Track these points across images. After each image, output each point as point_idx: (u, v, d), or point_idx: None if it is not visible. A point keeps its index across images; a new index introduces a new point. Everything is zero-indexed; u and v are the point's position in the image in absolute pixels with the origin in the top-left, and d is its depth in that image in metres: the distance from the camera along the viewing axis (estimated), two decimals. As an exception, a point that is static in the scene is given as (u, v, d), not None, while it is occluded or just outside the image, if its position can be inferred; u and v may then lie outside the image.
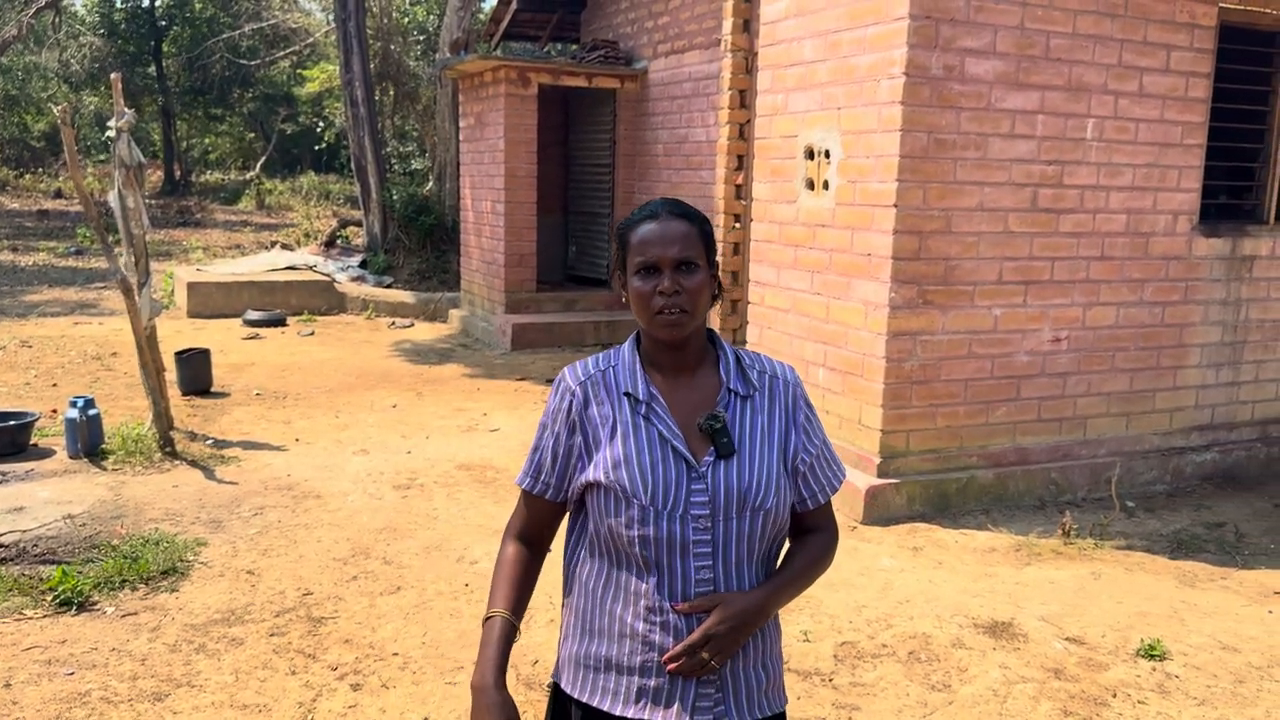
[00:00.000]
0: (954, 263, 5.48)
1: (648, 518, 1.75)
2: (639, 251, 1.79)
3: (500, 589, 1.88)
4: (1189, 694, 3.72)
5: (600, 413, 1.81)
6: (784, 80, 6.20)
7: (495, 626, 1.83)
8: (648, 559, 1.76)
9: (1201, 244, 6.12)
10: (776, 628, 1.90)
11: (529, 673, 3.77)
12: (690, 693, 1.77)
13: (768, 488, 1.79)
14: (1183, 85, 5.86)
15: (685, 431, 1.79)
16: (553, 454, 1.85)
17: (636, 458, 1.77)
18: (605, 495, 1.78)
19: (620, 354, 1.87)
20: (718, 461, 1.77)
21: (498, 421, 7.53)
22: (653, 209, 1.82)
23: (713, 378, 1.85)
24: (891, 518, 5.49)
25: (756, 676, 1.83)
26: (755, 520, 1.77)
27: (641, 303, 1.78)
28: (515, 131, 10.52)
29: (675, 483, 1.75)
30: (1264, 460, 6.54)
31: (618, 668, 1.80)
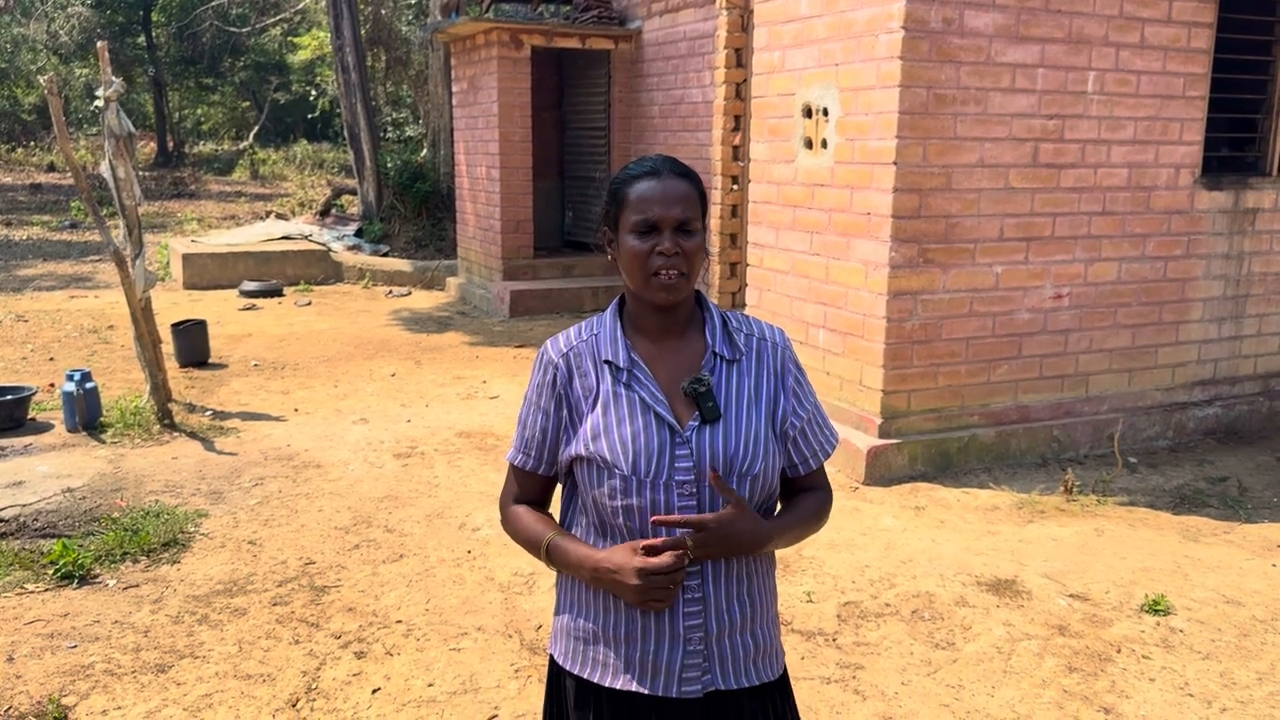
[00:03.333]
0: (954, 220, 5.42)
1: (630, 487, 1.71)
2: (638, 209, 1.72)
3: (534, 526, 1.85)
4: (1193, 648, 3.72)
5: (584, 384, 1.78)
6: (780, 37, 6.11)
7: (556, 542, 1.80)
8: (632, 528, 1.73)
9: (1204, 197, 6.06)
10: (769, 595, 1.87)
11: (533, 637, 3.77)
12: (677, 663, 1.75)
13: (754, 452, 1.74)
14: (1185, 36, 5.77)
15: (670, 397, 1.75)
16: (540, 429, 1.83)
17: (616, 427, 1.73)
18: (588, 467, 1.76)
19: (602, 321, 1.82)
20: (703, 426, 1.73)
21: (497, 389, 7.50)
22: (653, 165, 1.76)
23: (699, 341, 1.81)
24: (893, 478, 5.48)
25: (744, 644, 1.80)
26: (742, 486, 1.74)
27: (637, 263, 1.72)
28: (509, 95, 10.40)
29: (659, 450, 1.71)
30: (1266, 414, 6.52)
31: (605, 640, 1.79)
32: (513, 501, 1.92)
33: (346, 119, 14.83)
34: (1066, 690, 3.42)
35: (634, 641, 1.76)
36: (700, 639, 1.76)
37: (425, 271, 12.70)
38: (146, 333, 6.44)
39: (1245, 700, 3.39)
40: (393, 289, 12.27)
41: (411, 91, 19.93)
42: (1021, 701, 3.35)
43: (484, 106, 10.81)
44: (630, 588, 1.67)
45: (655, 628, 1.75)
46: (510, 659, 3.63)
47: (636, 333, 1.80)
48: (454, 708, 3.33)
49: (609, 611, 1.78)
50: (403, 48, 19.20)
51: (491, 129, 10.62)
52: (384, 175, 14.21)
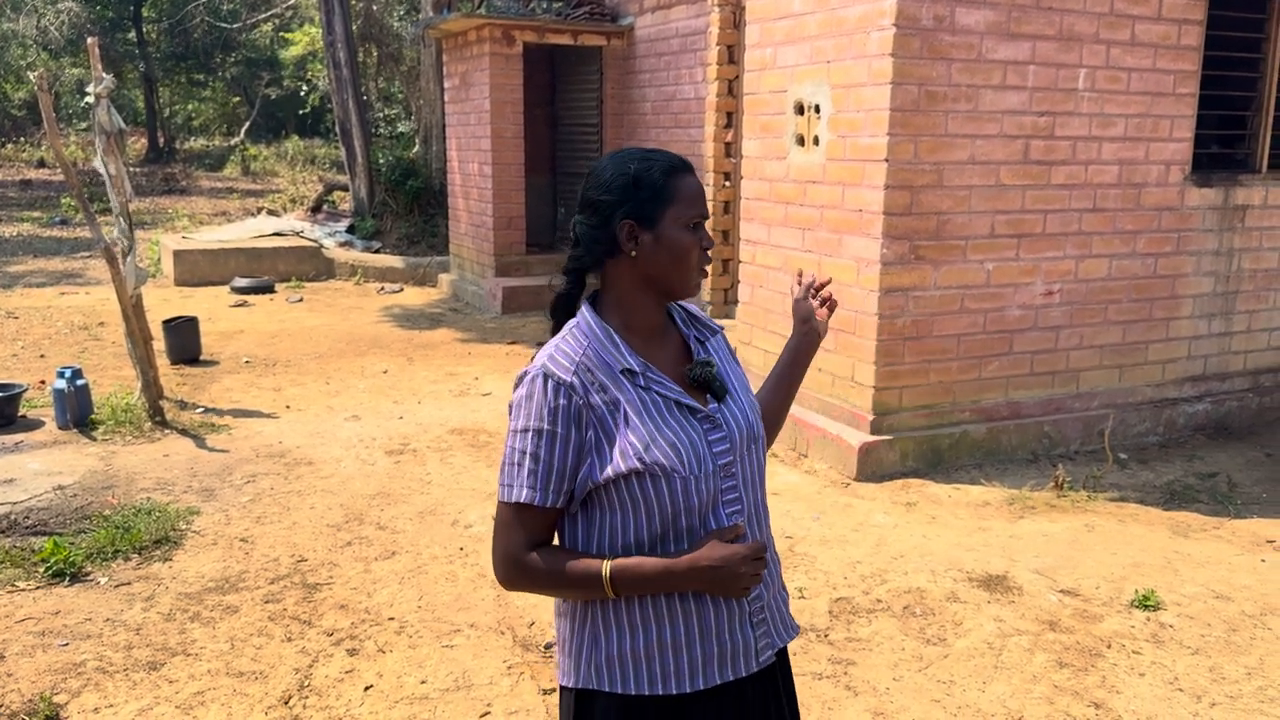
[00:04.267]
0: (945, 217, 5.43)
1: (690, 486, 1.69)
2: (692, 204, 1.75)
3: (578, 563, 1.71)
4: (1183, 643, 3.74)
5: (604, 398, 1.68)
6: (772, 34, 6.11)
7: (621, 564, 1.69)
8: (692, 527, 1.71)
9: (1194, 194, 6.08)
10: (778, 564, 1.95)
11: (525, 634, 3.77)
12: (751, 638, 1.78)
13: (756, 413, 1.85)
14: (1175, 33, 5.79)
15: (683, 386, 1.77)
16: (560, 457, 1.68)
17: (660, 432, 1.69)
18: (639, 481, 1.68)
19: (588, 332, 1.74)
20: (720, 405, 1.79)
21: (490, 385, 7.50)
22: (680, 161, 1.77)
23: (674, 331, 1.86)
24: (885, 474, 5.49)
25: (782, 596, 1.90)
26: (761, 449, 1.84)
27: (687, 257, 1.75)
28: (501, 91, 10.38)
29: (700, 440, 1.72)
30: (1256, 410, 6.55)
31: (675, 646, 1.73)
32: (527, 549, 1.71)
33: (338, 115, 14.79)
34: (1057, 685, 3.44)
35: (709, 635, 1.74)
36: (761, 608, 1.80)
37: (417, 268, 12.68)
38: (138, 329, 6.42)
39: (1234, 695, 3.41)
40: (385, 285, 12.25)
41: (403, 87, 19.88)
42: (1013, 697, 3.37)
43: (476, 103, 10.79)
44: (742, 574, 1.69)
45: (727, 616, 1.74)
46: (503, 656, 3.63)
47: (630, 332, 1.78)
48: (447, 705, 3.33)
49: (680, 616, 1.73)
50: (394, 44, 19.14)
51: (484, 125, 10.60)
52: (376, 171, 14.18)
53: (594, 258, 1.77)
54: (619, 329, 1.76)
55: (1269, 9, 6.16)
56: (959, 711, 3.29)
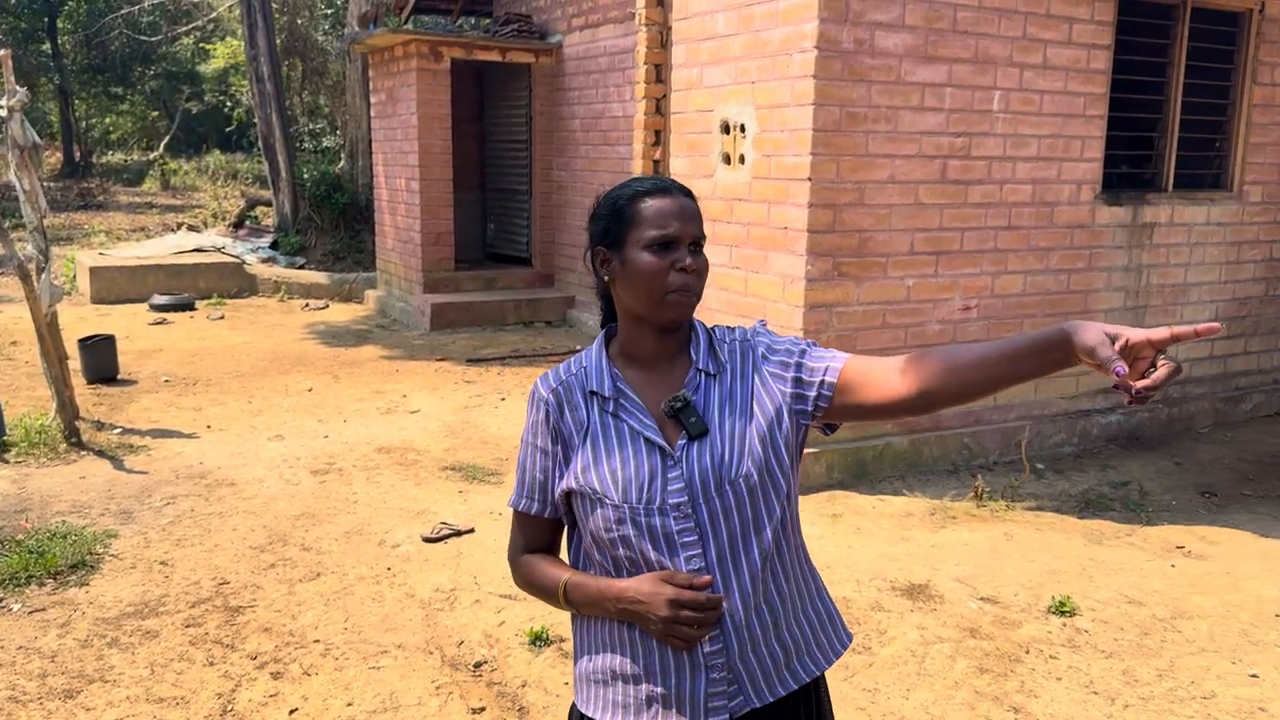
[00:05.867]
0: (867, 234, 5.56)
1: (624, 516, 1.67)
2: (656, 224, 1.68)
3: (548, 571, 1.79)
4: (1098, 647, 3.86)
5: (575, 418, 1.74)
6: (698, 54, 6.20)
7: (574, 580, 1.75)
8: (633, 559, 1.69)
9: (1104, 212, 6.31)
10: (800, 584, 1.78)
11: (454, 654, 3.75)
12: (701, 693, 1.69)
13: (740, 454, 1.68)
14: (1084, 57, 6.02)
15: (660, 421, 1.71)
16: (542, 469, 1.78)
17: (606, 458, 1.70)
18: (581, 500, 1.72)
19: (589, 355, 1.79)
20: (691, 444, 1.69)
21: (418, 403, 7.43)
22: (661, 183, 1.73)
23: (687, 361, 1.77)
24: (812, 486, 5.58)
25: (772, 653, 1.72)
26: (738, 492, 1.67)
27: (655, 279, 1.67)
28: (428, 107, 10.34)
29: (650, 475, 1.67)
30: (1165, 420, 6.80)
31: (625, 677, 1.74)
32: (520, 552, 1.85)
33: (261, 129, 14.57)
34: (978, 691, 3.53)
35: (654, 675, 1.70)
36: (722, 664, 1.69)
37: (343, 284, 12.53)
38: (52, 349, 6.24)
39: (1146, 697, 3.54)
40: (309, 302, 12.07)
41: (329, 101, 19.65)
42: (935, 703, 3.45)
43: (403, 118, 10.72)
44: (659, 619, 1.63)
45: (675, 660, 1.69)
46: (431, 676, 3.60)
47: (628, 361, 1.77)
48: (374, 726, 3.29)
49: (629, 646, 1.72)
50: (319, 58, 18.93)
51: (411, 141, 10.54)
52: (300, 186, 13.98)
53: (599, 285, 1.80)
54: (619, 354, 1.78)
55: (1172, 35, 6.43)
56: (883, 719, 3.35)
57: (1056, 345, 1.50)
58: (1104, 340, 1.42)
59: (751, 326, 1.84)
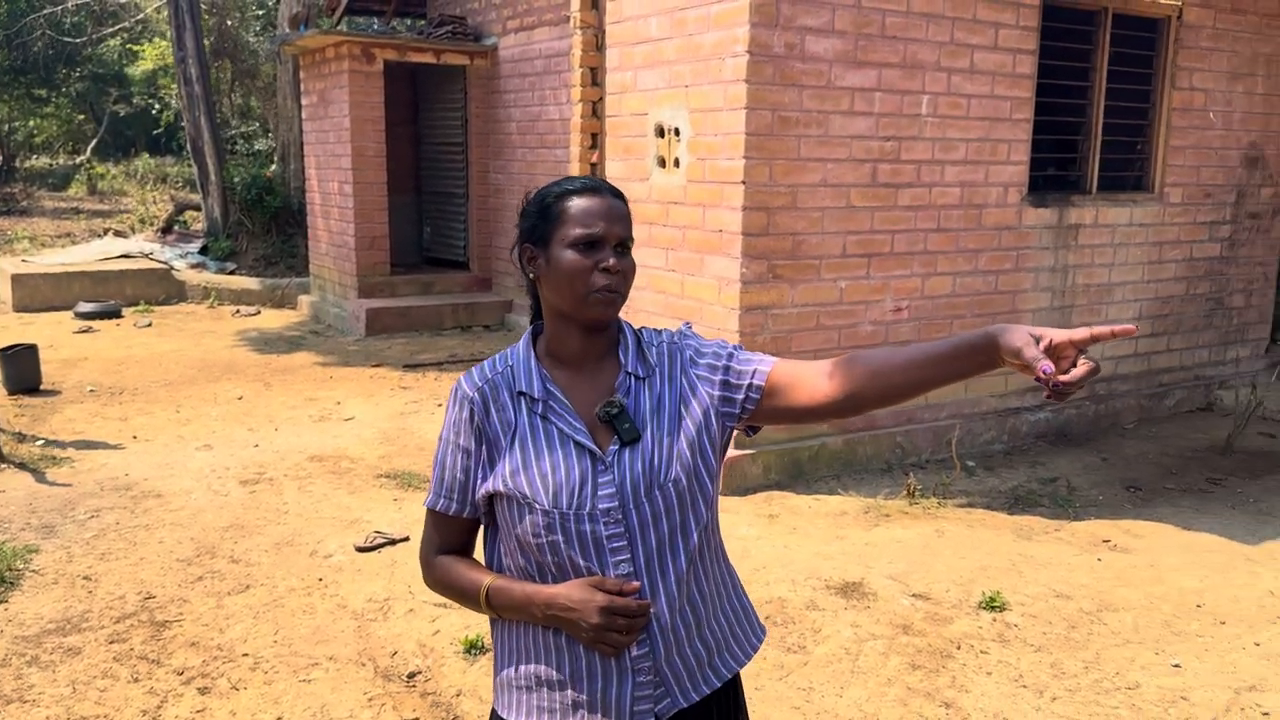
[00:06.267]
0: (801, 237, 5.61)
1: (554, 522, 1.66)
2: (581, 223, 1.67)
3: (467, 574, 1.77)
4: (1027, 642, 3.93)
5: (502, 418, 1.72)
6: (632, 58, 6.20)
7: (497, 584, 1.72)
8: (560, 565, 1.68)
9: (1030, 214, 6.44)
10: (719, 582, 1.81)
11: (387, 664, 3.70)
12: (627, 697, 1.69)
13: (669, 459, 1.69)
14: (1010, 62, 6.14)
15: (591, 424, 1.71)
16: (463, 469, 1.74)
17: (535, 461, 1.68)
18: (508, 504, 1.70)
19: (516, 353, 1.77)
20: (623, 449, 1.69)
21: (352, 410, 7.33)
22: (589, 183, 1.72)
23: (616, 364, 1.76)
24: (749, 487, 5.61)
25: (696, 652, 1.74)
26: (667, 496, 1.68)
27: (577, 278, 1.66)
28: (361, 109, 10.21)
29: (580, 480, 1.66)
30: (1092, 417, 6.96)
31: (550, 684, 1.72)
32: (435, 552, 1.81)
33: (190, 133, 14.26)
34: (910, 687, 3.57)
35: (580, 681, 1.70)
36: (649, 667, 1.70)
37: (275, 290, 12.32)
38: (-33, 359, 6.04)
39: (1073, 689, 3.61)
40: (240, 308, 11.84)
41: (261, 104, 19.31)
42: (868, 700, 3.48)
43: (335, 120, 10.58)
44: (589, 626, 1.62)
45: (602, 664, 1.69)
46: (364, 688, 3.55)
47: (555, 361, 1.75)
48: (304, 740, 3.23)
49: (554, 652, 1.71)
50: (250, 59, 18.59)
51: (344, 143, 10.40)
52: (230, 190, 13.71)
53: (527, 282, 1.79)
54: (545, 354, 1.77)
55: (1095, 40, 6.59)
56: (818, 717, 3.38)
57: (982, 348, 1.55)
58: (1029, 341, 1.48)
59: (678, 329, 1.84)
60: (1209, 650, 3.91)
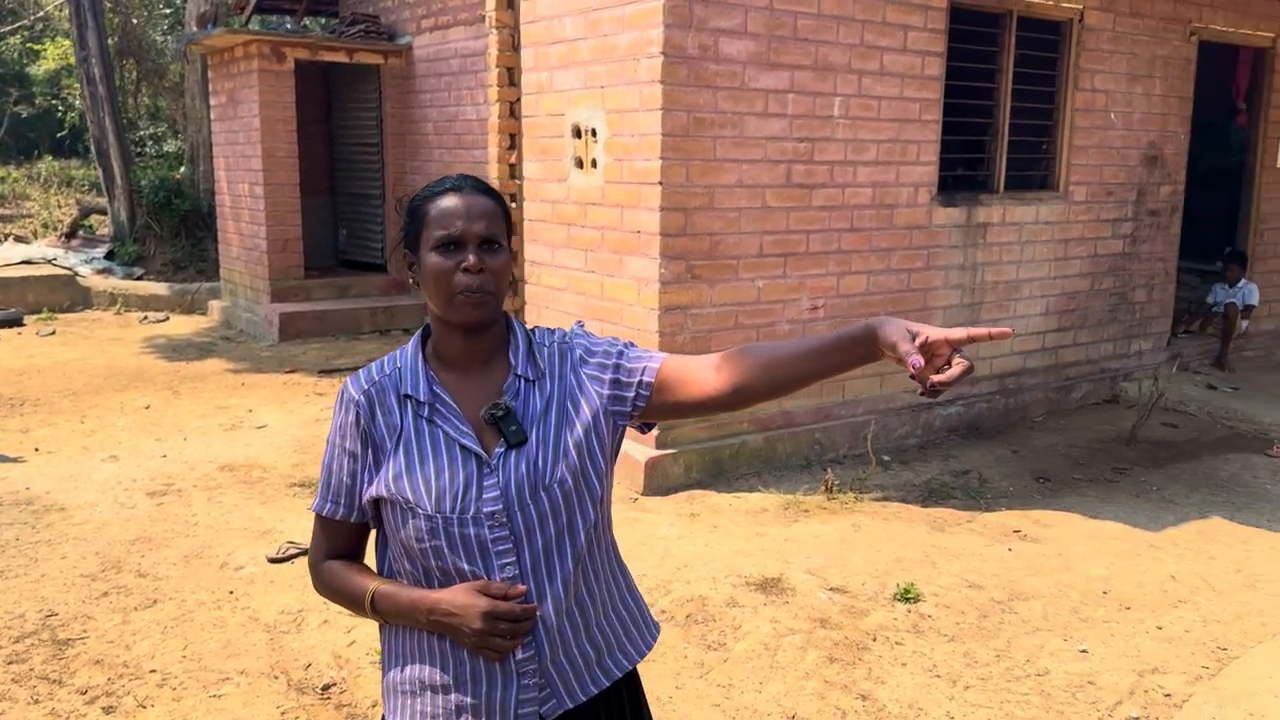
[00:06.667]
0: (718, 238, 5.64)
1: (436, 527, 1.64)
2: (441, 224, 1.66)
3: (353, 579, 1.75)
4: (940, 631, 4.01)
5: (388, 422, 1.70)
6: (547, 58, 6.18)
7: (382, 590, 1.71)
8: (445, 570, 1.67)
9: (940, 213, 6.57)
10: (609, 582, 1.80)
11: (301, 677, 3.62)
12: (511, 701, 1.69)
13: (556, 459, 1.68)
14: (919, 64, 6.26)
15: (478, 427, 1.69)
16: (349, 473, 1.73)
17: (420, 465, 1.67)
18: (392, 509, 1.68)
19: (404, 355, 1.75)
20: (509, 452, 1.67)
21: (265, 418, 7.16)
22: (454, 183, 1.71)
23: (505, 365, 1.74)
24: (670, 487, 5.62)
25: (584, 652, 1.74)
26: (553, 498, 1.67)
27: (441, 280, 1.65)
28: (271, 109, 9.99)
29: (464, 484, 1.65)
30: (1003, 411, 7.13)
31: (435, 688, 1.71)
32: (324, 558, 1.79)
33: (94, 134, 13.79)
34: (827, 680, 3.61)
35: (464, 685, 1.69)
36: (534, 670, 1.69)
37: (185, 295, 11.98)
38: None
39: (985, 677, 3.69)
40: (148, 315, 11.49)
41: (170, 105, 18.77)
42: (787, 695, 3.51)
43: (245, 121, 10.33)
44: (472, 631, 1.61)
45: (487, 668, 1.68)
46: (276, 702, 3.46)
47: (442, 363, 1.74)
48: (214, 758, 3.14)
49: (439, 656, 1.70)
50: (157, 59, 18.06)
51: (254, 144, 10.16)
52: (137, 193, 13.29)
53: (413, 284, 1.77)
54: (434, 356, 1.75)
55: (1000, 43, 6.76)
56: (737, 714, 3.40)
57: (862, 341, 1.59)
58: (905, 336, 1.52)
59: (570, 328, 1.83)
60: (1114, 635, 4.03)
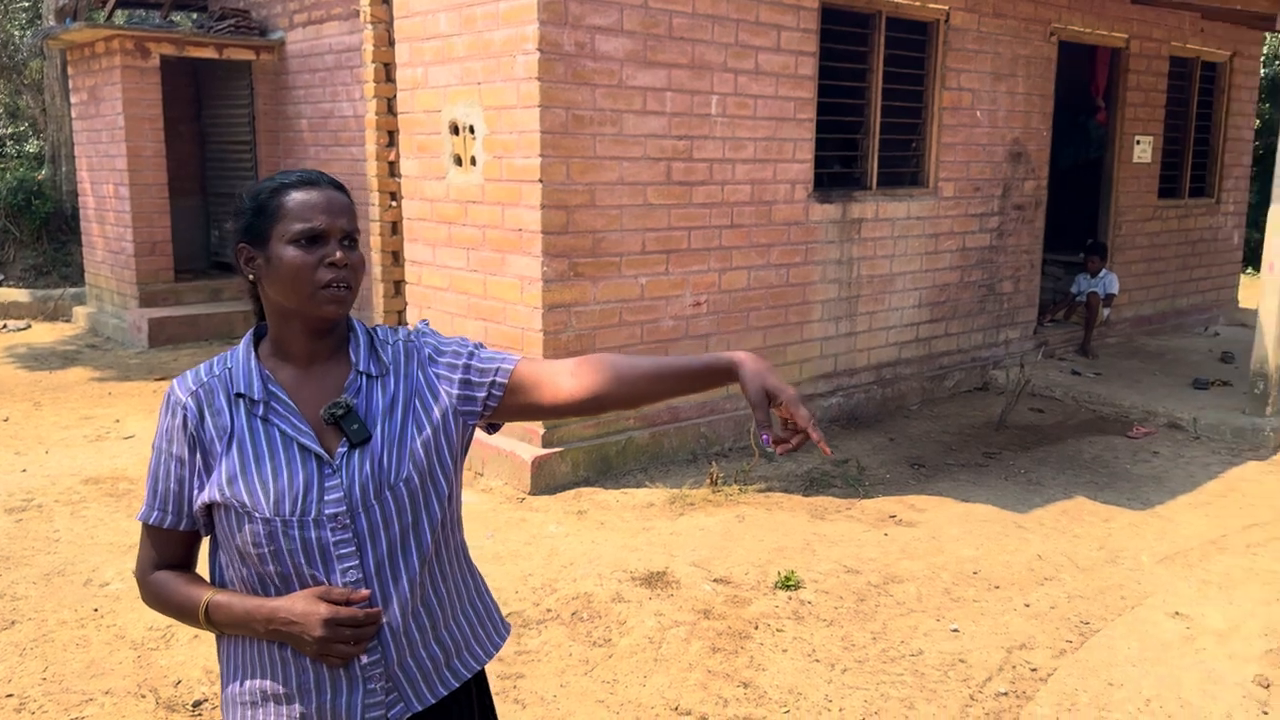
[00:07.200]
0: (600, 235, 5.65)
1: (275, 531, 1.60)
2: (300, 218, 1.62)
3: (184, 590, 1.69)
4: (819, 617, 4.11)
5: (217, 424, 1.64)
6: (422, 54, 6.09)
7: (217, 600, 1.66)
8: (285, 575, 1.62)
9: (817, 210, 6.73)
10: (456, 583, 1.78)
11: (170, 694, 3.49)
12: (357, 707, 1.65)
13: (401, 458, 1.65)
14: (793, 63, 6.38)
15: (318, 427, 1.65)
16: (177, 479, 1.67)
17: (255, 466, 1.61)
18: (226, 514, 1.62)
19: (236, 355, 1.70)
20: (351, 451, 1.63)
21: (133, 427, 6.87)
22: (306, 176, 1.67)
23: (346, 363, 1.71)
24: (558, 485, 5.61)
25: (432, 654, 1.71)
26: (399, 497, 1.65)
27: (302, 275, 1.61)
28: (136, 107, 9.58)
29: (305, 485, 1.60)
30: (880, 400, 7.34)
31: (277, 698, 1.66)
32: (152, 569, 1.73)
33: (-58, 132, 13.02)
34: (710, 670, 3.66)
35: (308, 694, 1.64)
36: (380, 674, 1.65)
37: (47, 301, 11.41)
38: None
39: (862, 659, 3.79)
40: (8, 323, 10.90)
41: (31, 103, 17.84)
42: (670, 687, 3.55)
43: (108, 119, 9.89)
44: (314, 639, 1.57)
45: (330, 675, 1.64)
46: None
47: (280, 361, 1.69)
48: (77, 783, 3.01)
49: (280, 665, 1.65)
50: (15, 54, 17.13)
51: (118, 144, 9.73)
52: (-6, 195, 12.60)
53: (246, 283, 1.71)
54: (270, 355, 1.70)
55: (871, 43, 6.95)
56: (621, 709, 3.41)
57: (723, 375, 1.72)
58: (762, 402, 1.66)
59: (415, 327, 1.81)
60: (984, 614, 4.19)
